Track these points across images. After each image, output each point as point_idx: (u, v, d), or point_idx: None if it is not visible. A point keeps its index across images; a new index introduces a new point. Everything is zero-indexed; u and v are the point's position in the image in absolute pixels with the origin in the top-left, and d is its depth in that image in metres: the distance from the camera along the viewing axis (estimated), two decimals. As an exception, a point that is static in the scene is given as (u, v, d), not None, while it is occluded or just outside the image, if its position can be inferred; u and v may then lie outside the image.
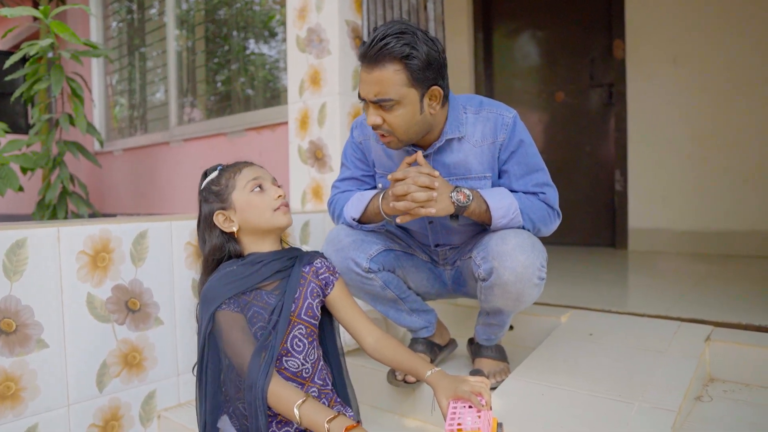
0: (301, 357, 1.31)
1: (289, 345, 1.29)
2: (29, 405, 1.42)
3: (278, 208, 1.33)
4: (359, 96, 1.37)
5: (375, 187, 1.62)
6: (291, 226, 1.50)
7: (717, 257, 3.12)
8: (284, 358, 1.29)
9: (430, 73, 1.32)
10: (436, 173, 1.33)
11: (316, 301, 1.35)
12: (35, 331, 1.43)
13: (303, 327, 1.32)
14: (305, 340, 1.32)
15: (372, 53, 1.30)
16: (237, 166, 1.38)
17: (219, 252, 1.36)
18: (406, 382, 1.55)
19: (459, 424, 1.12)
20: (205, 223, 1.37)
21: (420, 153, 1.37)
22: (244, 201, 1.33)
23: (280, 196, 1.33)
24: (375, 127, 1.37)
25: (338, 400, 1.40)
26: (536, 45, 4.07)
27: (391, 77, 1.29)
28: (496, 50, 4.21)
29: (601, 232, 3.73)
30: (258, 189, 1.33)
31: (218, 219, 1.34)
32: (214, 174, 1.39)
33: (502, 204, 1.38)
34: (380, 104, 1.32)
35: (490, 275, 1.36)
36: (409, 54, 1.28)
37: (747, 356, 1.51)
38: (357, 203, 1.51)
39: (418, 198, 1.30)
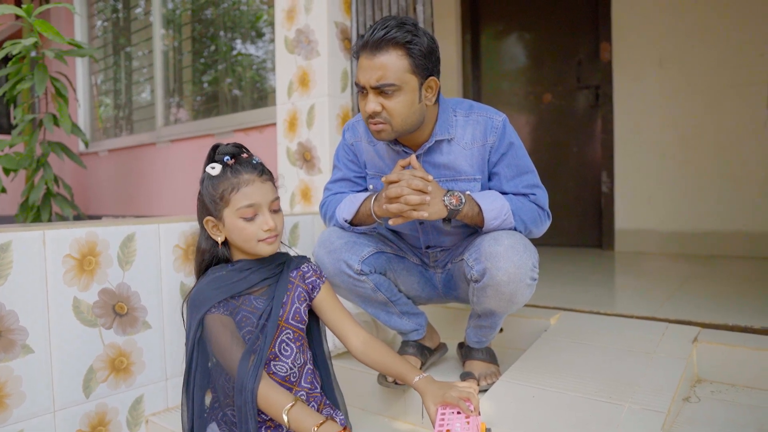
0: (289, 361, 1.30)
1: (277, 349, 1.29)
2: (14, 412, 1.40)
3: (264, 240, 1.28)
4: (357, 84, 1.38)
5: (367, 189, 1.62)
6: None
7: (702, 258, 3.16)
8: (272, 363, 1.29)
9: (429, 62, 1.36)
10: (430, 177, 1.34)
11: (303, 305, 1.35)
12: (20, 337, 1.41)
13: (291, 331, 1.31)
14: (293, 345, 1.31)
15: (375, 40, 1.32)
16: (238, 178, 1.26)
17: (209, 254, 1.35)
18: (396, 383, 1.55)
19: (448, 430, 1.12)
20: (200, 212, 1.35)
21: (414, 156, 1.38)
22: (232, 224, 1.28)
23: (269, 229, 1.27)
24: (372, 115, 1.36)
25: (327, 403, 1.40)
26: (523, 47, 4.09)
27: (395, 62, 1.32)
28: (483, 52, 4.22)
29: (587, 233, 3.76)
30: (249, 216, 1.27)
31: (208, 225, 1.32)
32: (218, 170, 1.28)
33: (494, 206, 1.39)
34: (381, 90, 1.34)
35: (483, 276, 1.36)
36: (411, 40, 1.32)
37: (733, 357, 1.53)
38: (349, 205, 1.51)
39: (411, 201, 1.30)
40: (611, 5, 3.54)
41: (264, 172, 1.32)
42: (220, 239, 1.32)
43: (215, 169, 1.29)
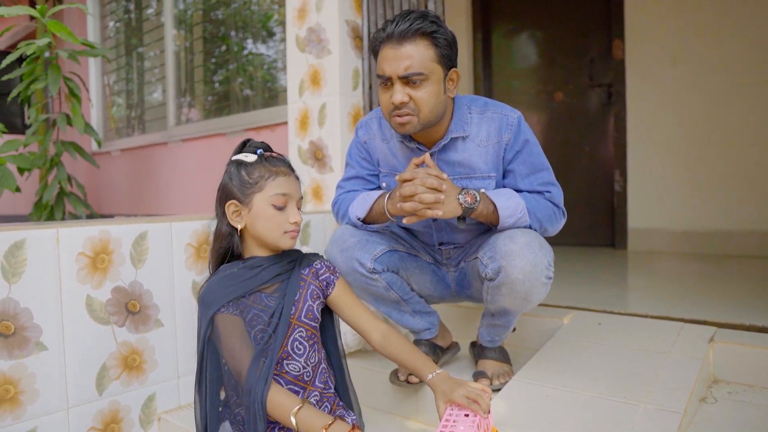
0: (302, 360, 1.29)
1: (289, 348, 1.28)
2: (28, 408, 1.41)
3: (288, 232, 1.29)
4: (380, 76, 1.38)
5: (380, 187, 1.62)
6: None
7: (715, 257, 3.12)
8: (285, 362, 1.28)
9: (452, 53, 1.38)
10: (445, 175, 1.33)
11: (317, 303, 1.34)
12: (34, 334, 1.42)
13: (303, 330, 1.30)
14: (306, 343, 1.30)
15: (400, 30, 1.33)
16: (276, 168, 1.29)
17: (224, 240, 1.32)
18: (408, 382, 1.54)
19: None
20: (221, 198, 1.33)
21: (428, 155, 1.38)
22: (261, 210, 1.28)
23: (296, 222, 1.29)
24: (399, 106, 1.36)
25: (341, 404, 1.38)
26: (535, 45, 4.06)
27: (422, 52, 1.33)
28: (494, 50, 4.20)
29: (600, 232, 3.73)
30: (281, 205, 1.28)
31: (229, 209, 1.30)
32: (252, 158, 1.30)
33: (509, 204, 1.38)
34: (409, 79, 1.34)
35: (497, 274, 1.35)
36: (436, 30, 1.33)
37: (750, 357, 1.51)
38: (362, 203, 1.50)
39: (425, 199, 1.30)
40: (624, 3, 3.51)
41: (294, 171, 1.35)
42: (239, 225, 1.30)
43: (250, 157, 1.30)
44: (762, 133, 3.09)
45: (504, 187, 1.48)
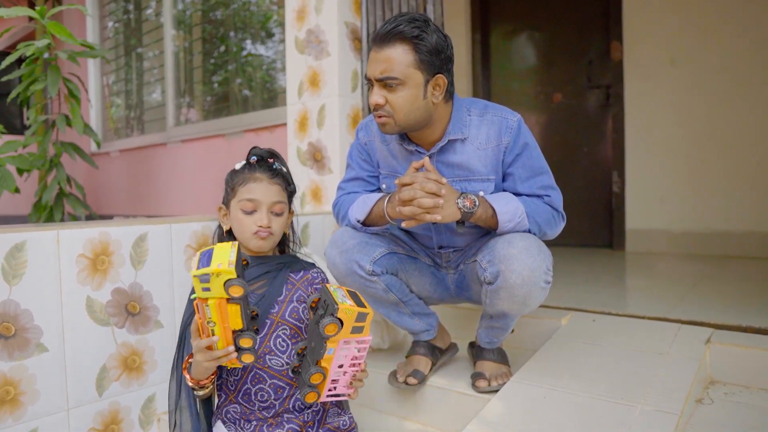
0: (284, 356, 1.33)
1: (272, 344, 1.32)
2: (28, 409, 1.41)
3: (255, 233, 1.35)
4: (366, 76, 1.41)
5: (380, 188, 1.63)
6: (291, 229, 1.52)
7: (714, 258, 3.13)
8: (267, 356, 1.32)
9: (436, 60, 1.36)
10: (444, 180, 1.34)
11: (302, 306, 1.38)
12: (34, 335, 1.42)
13: (287, 328, 1.35)
14: (288, 341, 1.34)
15: (383, 33, 1.35)
16: (252, 174, 1.38)
17: (217, 239, 1.47)
18: (407, 384, 1.55)
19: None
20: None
21: (427, 159, 1.38)
22: (234, 214, 1.39)
23: (260, 226, 1.35)
24: (376, 107, 1.38)
25: (333, 402, 1.41)
26: (534, 47, 4.07)
27: (399, 56, 1.33)
28: (493, 52, 4.21)
29: (598, 234, 3.74)
30: (248, 210, 1.36)
31: (219, 212, 1.44)
32: (240, 165, 1.42)
33: (508, 208, 1.38)
34: (385, 83, 1.35)
35: (496, 278, 1.35)
36: (418, 35, 1.33)
37: (747, 358, 1.51)
38: (362, 205, 1.51)
39: (424, 204, 1.30)
40: (622, 4, 3.52)
41: (276, 176, 1.40)
42: (225, 227, 1.44)
43: (240, 164, 1.42)
44: (761, 134, 3.10)
45: (503, 190, 1.49)
